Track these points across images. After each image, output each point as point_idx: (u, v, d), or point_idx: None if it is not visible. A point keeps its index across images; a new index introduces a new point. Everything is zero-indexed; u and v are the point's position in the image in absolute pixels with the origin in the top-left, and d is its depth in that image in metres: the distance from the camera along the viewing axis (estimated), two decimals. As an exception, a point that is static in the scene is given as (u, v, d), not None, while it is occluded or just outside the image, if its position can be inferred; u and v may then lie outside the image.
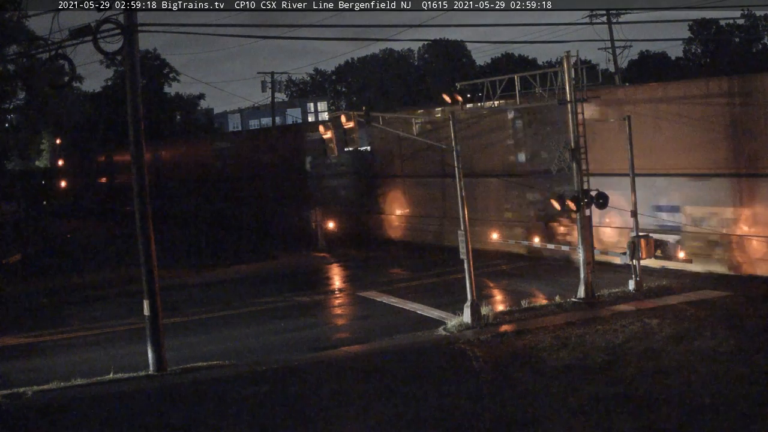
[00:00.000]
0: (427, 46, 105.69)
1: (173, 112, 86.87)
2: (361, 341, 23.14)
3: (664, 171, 29.25)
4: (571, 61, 25.92)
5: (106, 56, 23.33)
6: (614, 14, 59.44)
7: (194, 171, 63.71)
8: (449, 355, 20.71)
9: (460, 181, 24.08)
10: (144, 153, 21.06)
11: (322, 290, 31.86)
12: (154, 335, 20.79)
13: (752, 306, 23.23)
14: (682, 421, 15.04)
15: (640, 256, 26.10)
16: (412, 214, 42.59)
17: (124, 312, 28.94)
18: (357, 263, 37.90)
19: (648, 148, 28.70)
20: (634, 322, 22.12)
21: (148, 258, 20.90)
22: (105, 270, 37.72)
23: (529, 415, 15.93)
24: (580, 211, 25.51)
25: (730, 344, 19.45)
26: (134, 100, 20.89)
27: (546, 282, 29.27)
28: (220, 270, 37.96)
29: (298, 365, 20.79)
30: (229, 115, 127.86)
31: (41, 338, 26.30)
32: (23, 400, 18.82)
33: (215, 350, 22.69)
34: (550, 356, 19.73)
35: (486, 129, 37.12)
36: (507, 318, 23.89)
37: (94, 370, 20.94)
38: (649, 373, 17.87)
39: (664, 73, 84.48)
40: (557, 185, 30.00)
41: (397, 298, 28.59)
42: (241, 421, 16.85)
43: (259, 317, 27.47)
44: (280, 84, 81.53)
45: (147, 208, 20.97)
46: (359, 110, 25.95)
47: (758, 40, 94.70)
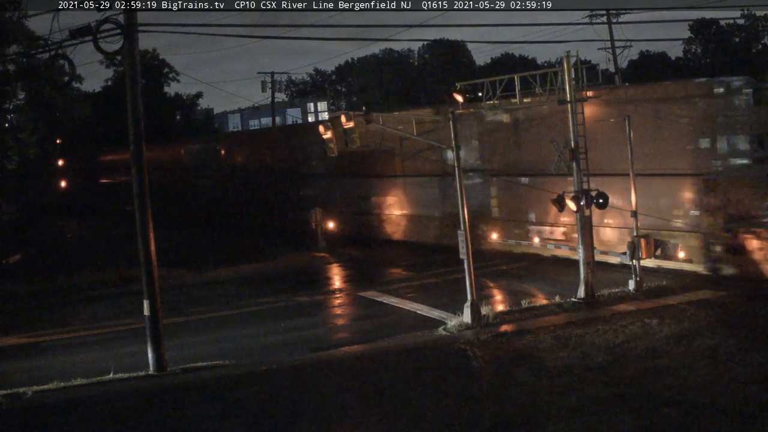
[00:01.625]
0: (427, 46, 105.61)
1: (173, 112, 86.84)
2: (361, 341, 23.13)
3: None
4: (571, 61, 25.93)
5: (106, 56, 23.37)
6: (614, 14, 59.47)
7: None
8: (449, 355, 20.71)
9: (460, 181, 24.09)
10: (144, 153, 21.07)
11: (322, 290, 31.85)
12: (154, 335, 20.80)
13: (752, 306, 23.24)
14: (682, 421, 15.04)
15: (640, 256, 26.12)
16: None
17: (124, 312, 28.95)
18: (357, 263, 37.89)
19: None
20: (634, 322, 22.13)
21: (148, 258, 20.90)
22: (105, 270, 37.68)
23: (529, 415, 15.93)
24: (580, 211, 25.50)
25: (730, 344, 19.45)
26: (134, 100, 20.89)
27: (546, 282, 29.26)
28: (220, 270, 37.94)
29: (298, 365, 20.79)
30: (229, 115, 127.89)
31: (41, 338, 26.29)
32: (23, 400, 18.82)
33: (215, 350, 22.68)
34: (550, 356, 19.73)
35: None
36: (507, 318, 23.89)
37: (94, 370, 20.94)
38: (649, 373, 17.88)
39: (664, 73, 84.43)
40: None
41: (397, 298, 28.58)
42: (241, 421, 16.85)
43: (259, 317, 27.46)
44: (280, 84, 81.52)
45: (147, 208, 20.97)
46: (359, 110, 25.94)
47: (758, 40, 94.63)
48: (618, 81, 56.73)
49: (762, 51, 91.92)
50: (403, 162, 42.49)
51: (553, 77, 26.73)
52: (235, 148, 61.39)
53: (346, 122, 25.22)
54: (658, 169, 28.87)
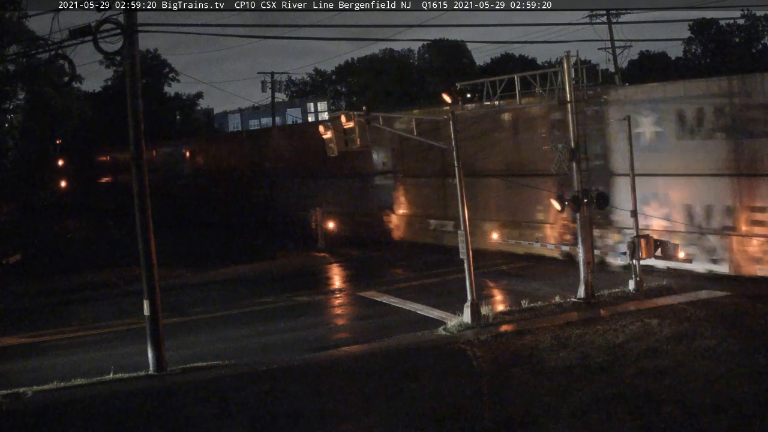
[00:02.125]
0: (427, 46, 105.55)
1: (173, 112, 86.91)
2: (361, 341, 23.13)
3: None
4: (571, 61, 25.92)
5: (106, 56, 23.40)
6: (614, 14, 59.48)
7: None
8: (449, 355, 20.71)
9: (460, 180, 24.09)
10: (144, 153, 21.07)
11: (322, 290, 31.84)
12: (154, 335, 20.79)
13: (752, 306, 23.23)
14: (682, 421, 15.04)
15: (640, 256, 26.12)
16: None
17: (124, 312, 28.93)
18: (357, 263, 37.89)
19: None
20: (634, 322, 22.12)
21: (148, 258, 20.90)
22: (105, 270, 37.71)
23: (529, 415, 15.93)
24: (580, 211, 25.51)
25: (730, 344, 19.45)
26: (134, 100, 20.88)
27: (546, 282, 29.26)
28: (220, 270, 37.96)
29: (298, 365, 20.79)
30: (230, 115, 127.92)
31: (41, 338, 26.28)
32: (23, 400, 18.81)
33: (215, 350, 22.68)
34: (550, 356, 19.73)
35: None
36: (507, 318, 23.89)
37: (94, 370, 20.93)
38: (649, 373, 17.87)
39: (664, 73, 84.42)
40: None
41: (397, 298, 28.58)
42: (241, 421, 16.85)
43: (259, 317, 27.46)
44: (280, 84, 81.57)
45: (147, 207, 20.97)
46: (359, 110, 25.93)
47: (758, 40, 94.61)
48: (618, 81, 56.72)
49: (762, 51, 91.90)
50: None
51: (553, 77, 26.70)
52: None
53: (346, 122, 25.21)
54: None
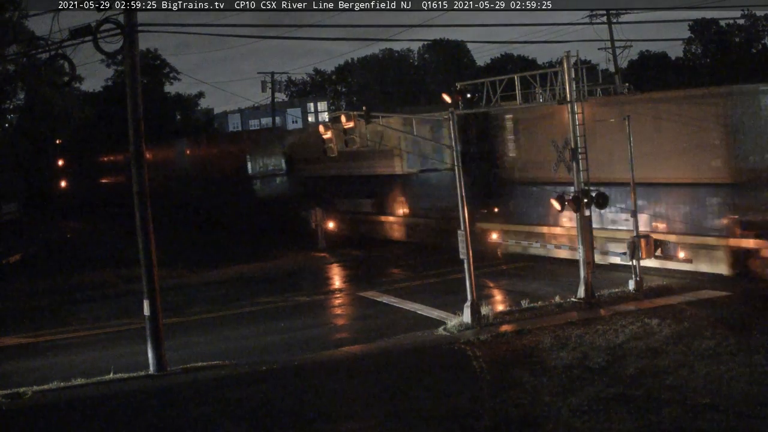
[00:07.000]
0: (427, 46, 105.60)
1: (173, 111, 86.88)
2: (361, 341, 23.13)
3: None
4: (571, 61, 25.91)
5: (106, 56, 23.34)
6: (614, 14, 59.33)
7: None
8: (449, 355, 20.71)
9: (460, 180, 24.09)
10: (144, 153, 21.07)
11: (322, 290, 31.84)
12: (154, 335, 20.80)
13: (752, 306, 23.23)
14: (682, 421, 15.04)
15: (640, 256, 26.12)
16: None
17: (124, 312, 28.95)
18: (357, 263, 37.89)
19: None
20: (634, 322, 22.11)
21: (148, 258, 20.91)
22: (105, 270, 37.70)
23: (529, 415, 15.93)
24: (580, 211, 25.51)
25: (729, 344, 19.44)
26: (134, 100, 20.90)
27: (546, 282, 29.24)
28: (220, 270, 37.96)
29: (298, 365, 20.79)
30: (230, 115, 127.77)
31: (41, 338, 26.30)
32: (23, 400, 18.83)
33: (215, 350, 22.68)
34: (550, 356, 19.73)
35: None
36: (507, 318, 23.89)
37: (94, 370, 20.95)
38: (649, 373, 17.87)
39: (664, 73, 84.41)
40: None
41: (397, 298, 28.57)
42: (241, 421, 16.86)
43: (259, 317, 27.47)
44: (280, 84, 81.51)
45: (147, 208, 20.97)
46: (359, 110, 25.93)
47: (758, 40, 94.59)
48: (618, 81, 56.70)
49: (762, 51, 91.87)
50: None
51: (554, 77, 26.70)
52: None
53: (346, 122, 25.21)
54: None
